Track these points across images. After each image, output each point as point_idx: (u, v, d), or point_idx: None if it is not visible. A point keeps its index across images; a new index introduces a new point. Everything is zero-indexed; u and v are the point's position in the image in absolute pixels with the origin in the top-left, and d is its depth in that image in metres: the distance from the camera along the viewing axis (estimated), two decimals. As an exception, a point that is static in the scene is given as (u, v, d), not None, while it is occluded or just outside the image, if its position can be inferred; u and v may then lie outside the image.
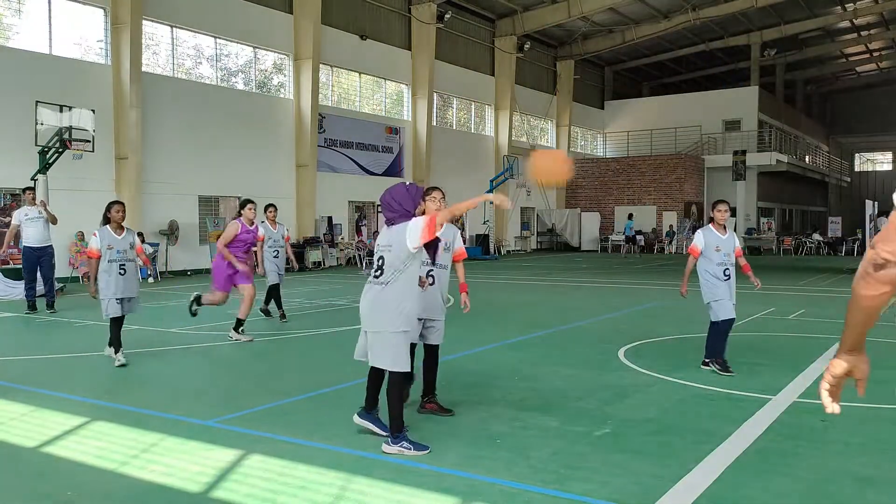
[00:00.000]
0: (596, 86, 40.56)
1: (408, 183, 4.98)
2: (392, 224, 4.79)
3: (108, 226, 7.67)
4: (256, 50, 22.20)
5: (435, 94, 28.27)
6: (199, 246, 20.25)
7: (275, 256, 10.53)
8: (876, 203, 20.84)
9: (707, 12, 31.84)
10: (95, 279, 7.48)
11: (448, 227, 5.43)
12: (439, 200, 5.38)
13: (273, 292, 10.60)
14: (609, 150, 41.09)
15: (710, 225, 7.11)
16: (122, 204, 7.92)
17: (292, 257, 11.15)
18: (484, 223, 29.51)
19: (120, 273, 7.49)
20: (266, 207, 10.82)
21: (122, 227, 7.71)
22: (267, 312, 10.79)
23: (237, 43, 21.63)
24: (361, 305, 4.81)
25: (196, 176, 20.17)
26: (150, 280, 17.81)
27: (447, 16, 27.62)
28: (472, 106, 31.82)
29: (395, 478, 4.11)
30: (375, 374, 4.94)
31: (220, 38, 21.02)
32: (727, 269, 6.96)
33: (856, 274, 1.83)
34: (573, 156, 37.42)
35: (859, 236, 23.51)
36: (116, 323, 7.50)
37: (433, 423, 5.21)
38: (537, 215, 35.52)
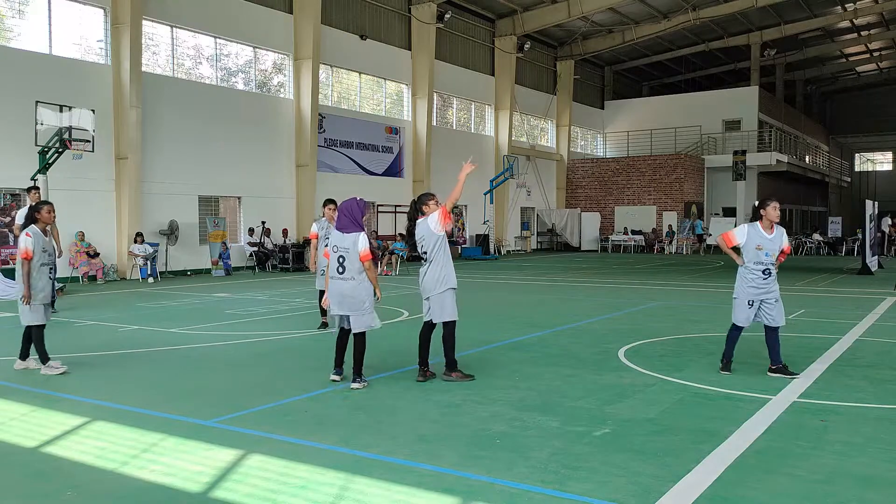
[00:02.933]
0: (596, 86, 40.57)
1: (358, 198, 6.59)
2: (343, 230, 6.40)
3: (36, 226, 7.13)
4: (256, 50, 22.20)
5: (435, 94, 28.27)
6: (199, 246, 20.25)
7: None
8: (876, 203, 20.83)
9: (707, 12, 31.85)
10: (28, 283, 6.89)
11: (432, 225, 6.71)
12: (436, 203, 6.87)
13: None
14: (609, 150, 41.10)
15: (757, 222, 6.75)
16: (52, 204, 7.41)
17: None
18: (484, 223, 29.52)
19: (50, 277, 7.16)
20: (325, 203, 9.89)
21: (47, 230, 7.27)
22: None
23: (237, 43, 21.63)
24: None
25: (196, 176, 20.17)
26: (150, 280, 17.82)
27: (447, 16, 27.63)
28: (472, 106, 31.82)
29: (395, 477, 4.11)
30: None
31: (220, 37, 21.02)
32: (767, 268, 6.67)
33: None
34: (573, 156, 37.43)
35: (859, 236, 23.49)
36: (41, 331, 7.07)
37: (432, 423, 5.21)
38: (537, 215, 35.52)
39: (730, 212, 34.76)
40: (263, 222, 21.47)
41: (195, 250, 20.16)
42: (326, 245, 9.52)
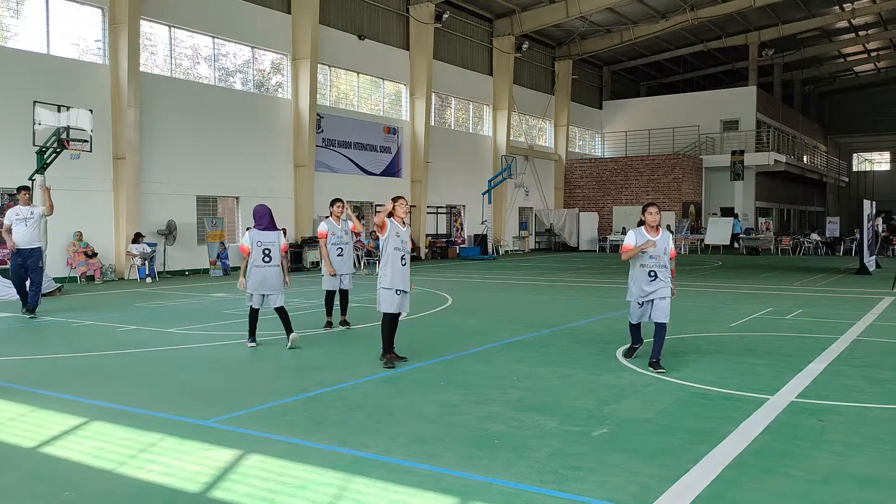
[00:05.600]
0: (594, 86, 40.59)
1: (265, 206, 8.55)
2: (267, 229, 8.38)
3: None
4: (254, 50, 22.19)
5: (433, 94, 28.27)
6: (197, 246, 20.24)
7: (338, 255, 9.67)
8: (874, 203, 20.87)
9: (705, 12, 31.87)
10: None
11: (407, 227, 7.42)
12: (402, 203, 7.33)
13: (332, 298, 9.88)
14: (607, 150, 41.13)
15: (642, 227, 7.14)
16: None
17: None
18: (482, 223, 29.52)
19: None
20: (333, 202, 9.96)
21: None
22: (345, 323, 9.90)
23: (235, 43, 21.62)
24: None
25: (194, 176, 20.16)
26: (148, 280, 17.80)
27: (445, 16, 27.63)
28: (470, 106, 31.82)
29: (394, 477, 4.11)
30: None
31: (217, 37, 21.01)
32: (653, 270, 7.01)
33: None
34: (571, 156, 37.45)
35: (857, 236, 23.53)
36: None
37: (430, 423, 5.21)
38: (535, 215, 35.54)
39: (728, 212, 34.79)
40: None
41: (193, 250, 20.15)
42: (333, 244, 9.58)
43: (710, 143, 37.16)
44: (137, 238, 18.11)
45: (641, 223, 7.15)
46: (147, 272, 18.01)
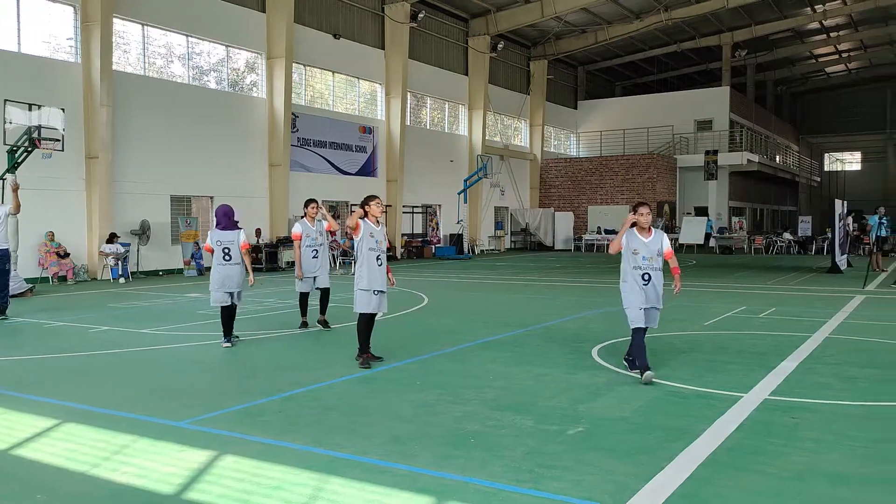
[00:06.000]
0: (569, 86, 40.83)
1: (226, 206, 8.79)
2: (225, 229, 8.58)
3: None
4: (229, 48, 21.98)
5: (408, 93, 28.23)
6: (172, 246, 20.00)
7: (313, 257, 9.57)
8: (845, 202, 21.23)
9: (679, 13, 32.20)
10: None
11: (382, 227, 7.34)
12: (377, 203, 7.29)
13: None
14: (582, 149, 41.38)
15: (633, 229, 6.68)
16: None
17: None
18: (458, 223, 29.55)
19: None
20: (307, 203, 9.84)
21: None
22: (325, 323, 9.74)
23: (209, 41, 21.39)
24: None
25: (168, 175, 19.92)
26: (122, 280, 17.56)
27: (420, 15, 27.60)
28: (446, 105, 31.83)
29: (369, 477, 4.10)
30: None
31: (191, 36, 20.77)
32: (647, 273, 6.56)
33: None
34: (547, 156, 37.64)
35: (829, 235, 23.94)
36: None
37: (406, 423, 5.21)
38: (511, 215, 35.65)
39: (702, 211, 35.19)
40: (236, 221, 21.20)
41: (167, 250, 19.91)
42: (308, 245, 9.51)
43: (684, 142, 37.56)
44: (112, 238, 17.85)
45: (634, 224, 6.73)
46: (120, 272, 17.76)
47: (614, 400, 5.86)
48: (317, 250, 9.58)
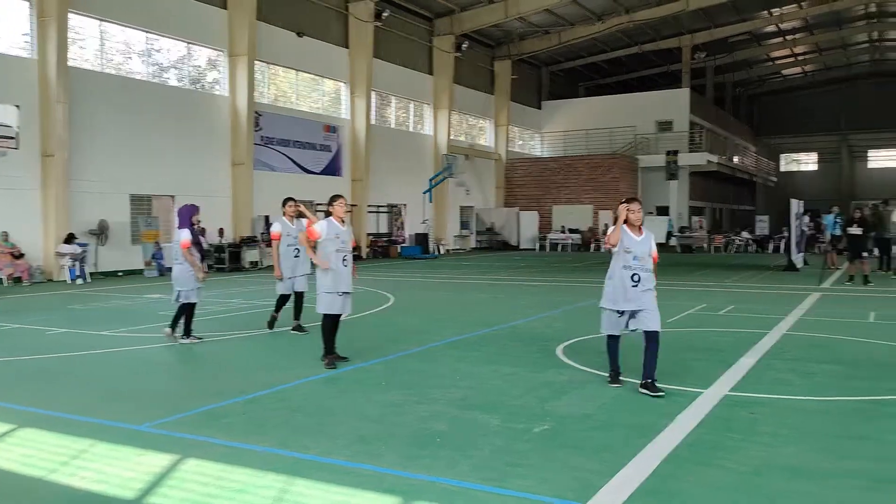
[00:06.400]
0: (533, 86, 41.09)
1: (190, 204, 8.84)
2: (181, 227, 8.57)
3: None
4: (189, 45, 21.61)
5: (373, 92, 28.11)
6: (132, 246, 19.60)
7: (295, 256, 9.29)
8: (801, 202, 21.78)
9: (640, 15, 32.65)
10: None
11: (349, 227, 7.29)
12: (344, 204, 7.28)
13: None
14: (546, 149, 41.68)
15: (624, 225, 6.17)
16: None
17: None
18: (423, 222, 29.52)
19: None
20: (284, 201, 9.53)
21: None
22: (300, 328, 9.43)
23: (169, 38, 21.00)
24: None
25: (127, 174, 19.50)
26: (79, 281, 17.15)
27: (385, 14, 27.49)
28: (411, 105, 31.78)
29: (335, 479, 4.07)
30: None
31: (150, 32, 20.37)
32: (636, 274, 6.06)
33: None
34: (512, 156, 37.84)
35: (785, 234, 24.53)
36: None
37: (373, 423, 5.18)
38: (476, 214, 35.75)
39: (663, 210, 35.75)
40: (198, 221, 20.84)
41: (127, 250, 19.50)
42: (289, 245, 9.23)
43: (646, 143, 38.09)
44: (69, 238, 17.41)
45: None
46: (78, 273, 17.34)
47: (579, 398, 5.91)
48: (298, 249, 9.23)
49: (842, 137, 54.42)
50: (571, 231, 33.98)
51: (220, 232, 21.56)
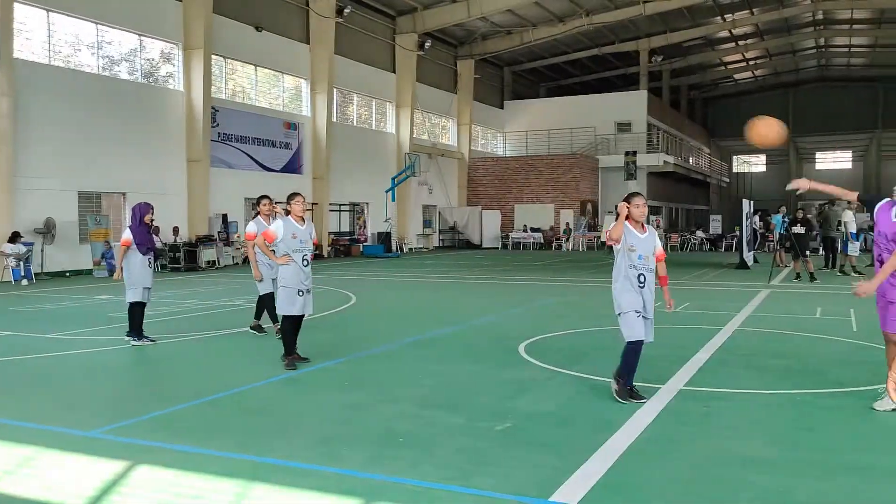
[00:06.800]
0: (495, 86, 41.26)
1: (143, 203, 8.73)
2: (153, 232, 8.56)
3: None
4: (142, 37, 21.09)
5: (335, 89, 27.86)
6: (80, 245, 19.03)
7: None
8: (752, 202, 22.32)
9: (599, 18, 33.07)
10: None
11: (308, 226, 7.13)
12: (302, 202, 7.13)
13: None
14: (508, 149, 41.92)
15: (627, 221, 5.72)
16: None
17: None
18: (386, 221, 29.39)
19: None
20: (259, 199, 9.09)
21: None
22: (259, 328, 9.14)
23: (120, 30, 20.45)
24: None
25: (76, 170, 18.93)
26: (24, 282, 16.59)
27: (346, 10, 27.29)
28: (373, 103, 31.60)
29: (295, 482, 3.99)
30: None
31: (100, 23, 19.80)
32: (642, 275, 5.64)
33: None
34: (474, 154, 37.95)
35: (737, 233, 25.17)
36: None
37: (335, 424, 5.11)
38: (439, 213, 35.76)
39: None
40: (152, 220, 20.36)
41: (75, 250, 18.92)
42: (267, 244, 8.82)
43: (606, 143, 38.59)
44: (14, 237, 16.82)
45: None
46: (23, 273, 16.77)
47: (541, 395, 5.93)
48: (275, 250, 8.94)
49: (790, 140, 55.98)
50: (533, 230, 34.22)
51: (175, 231, 21.11)
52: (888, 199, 5.47)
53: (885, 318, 5.37)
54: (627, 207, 5.67)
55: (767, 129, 6.10)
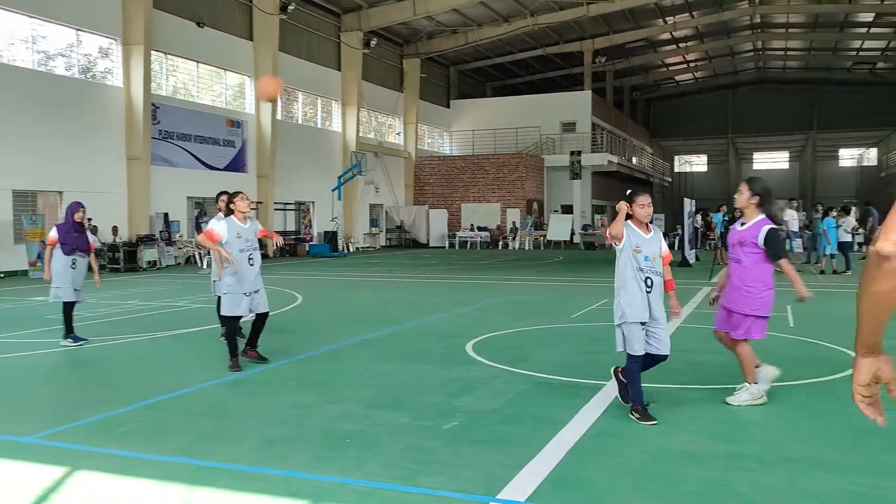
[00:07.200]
0: (441, 85, 41.35)
1: (73, 201, 8.49)
2: (82, 231, 8.39)
3: None
4: (79, 32, 20.39)
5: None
6: (14, 245, 18.30)
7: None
8: (693, 201, 22.96)
9: (544, 18, 33.48)
10: None
11: (252, 224, 7.01)
12: (243, 199, 7.00)
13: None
14: (455, 148, 42.06)
15: (629, 221, 5.28)
16: None
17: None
18: (332, 220, 29.15)
19: None
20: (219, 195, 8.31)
21: None
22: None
23: (56, 24, 19.73)
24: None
25: (10, 168, 18.19)
26: (-46, 284, 15.87)
27: (290, 7, 26.93)
28: (319, 101, 31.28)
29: (240, 485, 3.94)
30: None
31: (34, 17, 19.07)
32: (649, 278, 5.16)
33: (863, 272, 1.76)
34: (421, 154, 37.95)
35: (679, 231, 25.85)
36: None
37: (280, 426, 5.06)
38: (386, 212, 35.64)
39: (567, 209, 36.81)
40: (90, 219, 19.72)
41: (10, 250, 18.19)
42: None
43: (551, 143, 39.10)
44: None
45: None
46: (-48, 276, 16.03)
47: (488, 393, 5.99)
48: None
49: (729, 141, 57.80)
50: (480, 229, 34.43)
51: (114, 230, 20.49)
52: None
53: (718, 317, 5.70)
54: (629, 207, 5.22)
55: (266, 85, 7.61)
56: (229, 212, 7.11)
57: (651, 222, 5.35)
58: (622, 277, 5.21)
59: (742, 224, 5.66)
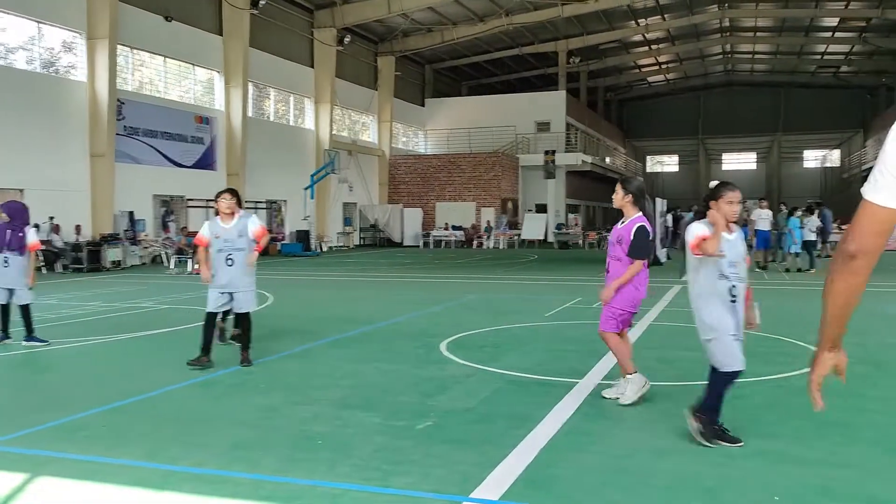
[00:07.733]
0: (417, 83, 41.26)
1: (20, 202, 8.50)
2: (14, 230, 8.03)
3: None
4: (41, 25, 19.91)
5: (250, 83, 27.15)
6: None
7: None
8: (665, 201, 23.20)
9: (519, 18, 33.58)
10: None
11: (240, 219, 6.94)
12: (230, 199, 6.93)
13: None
14: (430, 147, 41.99)
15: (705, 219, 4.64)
16: None
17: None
18: (304, 219, 28.90)
19: None
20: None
21: None
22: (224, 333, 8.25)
23: (17, 16, 19.24)
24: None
25: (-30, 165, 17.72)
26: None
27: (262, 2, 26.63)
28: (291, 98, 30.99)
29: (207, 490, 3.84)
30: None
31: (-3, 9, 18.61)
32: (734, 286, 4.53)
33: (829, 270, 1.90)
34: (395, 152, 37.82)
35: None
36: None
37: (250, 428, 4.96)
38: (360, 211, 35.44)
39: (542, 208, 36.97)
40: (52, 218, 19.32)
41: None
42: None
43: (526, 142, 39.23)
44: None
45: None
46: None
47: (461, 392, 5.94)
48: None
49: (699, 141, 58.59)
50: (455, 228, 34.40)
51: (77, 229, 20.05)
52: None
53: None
54: (724, 214, 4.49)
55: None
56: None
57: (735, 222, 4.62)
58: (700, 288, 4.59)
59: (622, 223, 5.79)
